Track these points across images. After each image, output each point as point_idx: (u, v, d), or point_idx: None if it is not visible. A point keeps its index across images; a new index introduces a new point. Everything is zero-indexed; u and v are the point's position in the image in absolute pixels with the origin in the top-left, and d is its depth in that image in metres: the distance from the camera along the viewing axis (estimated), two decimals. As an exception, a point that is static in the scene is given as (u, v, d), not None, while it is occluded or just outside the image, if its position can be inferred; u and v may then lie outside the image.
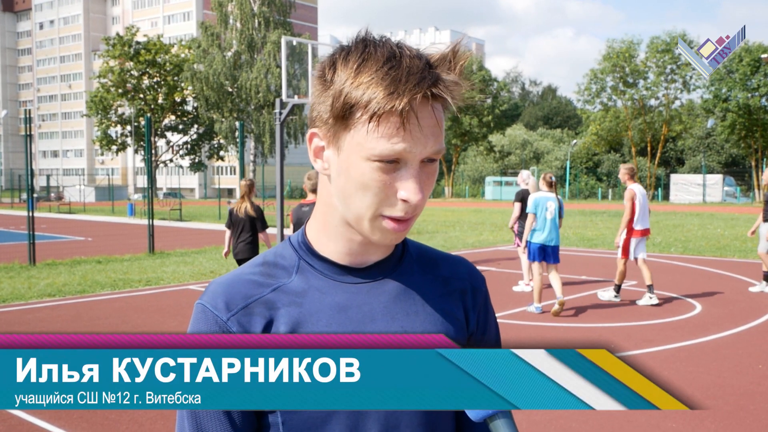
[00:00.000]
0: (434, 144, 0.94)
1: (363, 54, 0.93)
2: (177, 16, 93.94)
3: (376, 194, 0.94)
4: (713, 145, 59.98)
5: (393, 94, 0.89)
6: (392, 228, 0.97)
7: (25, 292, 9.99)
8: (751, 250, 15.52)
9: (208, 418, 0.97)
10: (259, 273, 1.03)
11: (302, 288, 1.02)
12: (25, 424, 4.68)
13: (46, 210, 38.20)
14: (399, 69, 0.91)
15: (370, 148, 0.92)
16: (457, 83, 0.93)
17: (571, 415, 4.80)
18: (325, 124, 0.97)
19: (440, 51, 0.95)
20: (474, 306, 1.13)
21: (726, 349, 6.70)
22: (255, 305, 1.00)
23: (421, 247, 1.15)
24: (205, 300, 1.02)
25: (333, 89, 0.94)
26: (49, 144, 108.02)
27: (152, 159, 38.59)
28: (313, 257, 1.05)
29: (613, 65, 52.03)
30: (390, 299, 1.04)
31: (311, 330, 0.99)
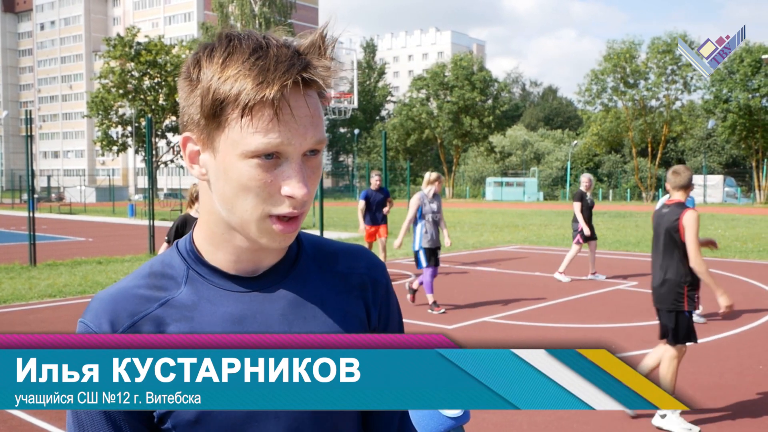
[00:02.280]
0: (314, 134, 0.90)
1: (228, 48, 0.89)
2: (178, 17, 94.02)
3: (258, 194, 0.89)
4: (714, 146, 59.97)
5: (262, 84, 0.85)
6: (281, 230, 0.92)
7: (26, 293, 9.99)
8: (751, 251, 15.51)
9: (91, 423, 0.92)
10: (146, 285, 0.97)
11: (192, 300, 0.96)
12: (26, 424, 4.68)
13: (46, 211, 38.22)
14: (266, 58, 0.87)
15: (246, 144, 0.87)
16: (328, 68, 0.90)
17: (572, 415, 4.80)
18: (197, 126, 0.91)
19: (309, 39, 0.91)
20: (375, 300, 1.08)
21: (727, 349, 6.69)
22: (142, 323, 0.93)
23: (318, 241, 1.10)
24: (87, 319, 0.94)
25: (200, 87, 0.89)
26: (50, 145, 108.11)
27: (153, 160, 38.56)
28: (202, 266, 0.99)
29: (614, 66, 52.03)
30: (286, 306, 0.99)
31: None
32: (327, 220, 25.03)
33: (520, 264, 13.47)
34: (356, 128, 73.83)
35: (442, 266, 14.08)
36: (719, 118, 50.49)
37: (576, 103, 56.64)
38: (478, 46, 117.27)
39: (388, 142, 35.87)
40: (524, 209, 39.64)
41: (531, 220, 28.00)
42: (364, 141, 74.25)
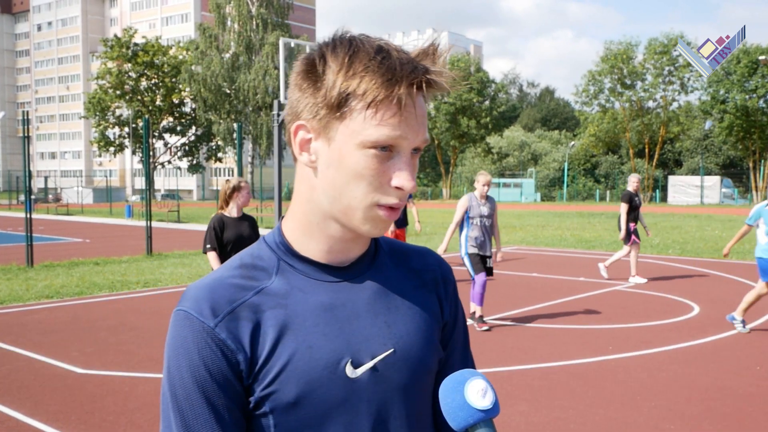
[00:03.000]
0: (424, 132, 0.97)
1: (351, 47, 0.95)
2: (175, 18, 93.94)
3: (370, 183, 0.95)
4: (711, 147, 60.05)
5: (391, 81, 0.92)
6: (385, 215, 0.97)
7: (23, 294, 9.97)
8: (748, 252, 15.55)
9: (200, 424, 0.95)
10: (239, 276, 1.01)
11: (285, 289, 1.01)
12: (23, 425, 4.67)
13: (43, 211, 38.15)
14: (391, 59, 0.93)
15: (367, 135, 0.93)
16: (445, 74, 0.96)
17: (569, 416, 4.80)
18: (314, 116, 0.97)
19: (419, 47, 0.97)
20: (446, 296, 1.15)
21: (724, 350, 6.70)
22: (240, 309, 0.97)
23: (389, 240, 1.16)
24: (187, 306, 0.98)
25: (325, 81, 0.95)
26: (47, 145, 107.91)
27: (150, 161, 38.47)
28: (293, 257, 1.04)
29: (611, 67, 52.09)
30: (371, 295, 1.05)
31: (298, 329, 0.98)
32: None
33: (518, 265, 13.48)
34: (354, 129, 73.61)
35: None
36: (716, 119, 50.58)
37: (573, 104, 56.72)
38: (475, 47, 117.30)
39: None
40: (521, 210, 39.66)
41: (528, 221, 28.02)
42: (362, 142, 74.15)
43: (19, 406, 5.05)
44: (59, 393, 5.35)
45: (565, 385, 5.53)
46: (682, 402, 5.10)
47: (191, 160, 68.19)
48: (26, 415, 4.86)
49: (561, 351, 6.60)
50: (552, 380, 5.68)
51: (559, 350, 6.64)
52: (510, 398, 5.16)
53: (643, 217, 11.36)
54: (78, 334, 7.41)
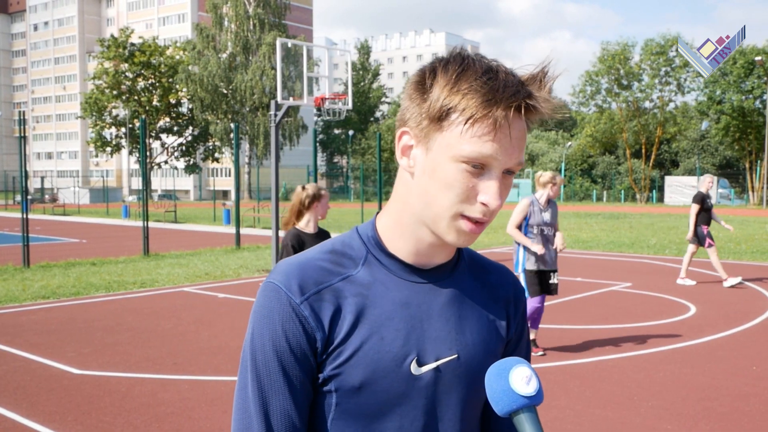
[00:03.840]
0: (518, 156, 1.01)
1: (462, 65, 1.00)
2: (172, 18, 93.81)
3: (458, 194, 0.99)
4: (707, 147, 60.18)
5: (491, 101, 0.96)
6: (469, 229, 1.01)
7: (19, 294, 9.95)
8: (744, 252, 15.58)
9: (274, 391, 1.03)
10: (329, 260, 1.08)
11: (368, 280, 1.07)
12: (20, 426, 4.66)
13: (40, 212, 38.08)
14: (496, 80, 0.98)
15: (460, 149, 0.98)
16: (547, 101, 1.00)
17: (567, 417, 4.81)
18: (418, 125, 1.02)
19: (530, 71, 1.01)
20: (515, 315, 1.19)
21: (721, 350, 6.72)
22: (325, 292, 1.04)
23: (472, 253, 1.21)
24: (278, 280, 1.05)
25: (432, 94, 1.00)
26: (44, 146, 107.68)
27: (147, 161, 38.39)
28: (381, 252, 1.09)
29: (608, 67, 52.16)
30: (446, 301, 1.10)
31: (373, 319, 1.04)
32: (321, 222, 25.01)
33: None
34: (351, 129, 73.82)
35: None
36: (713, 119, 50.67)
37: (570, 105, 56.75)
38: (472, 48, 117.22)
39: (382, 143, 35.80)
40: (519, 210, 39.62)
41: (525, 222, 27.99)
42: (359, 142, 74.25)
43: (15, 406, 5.04)
44: (56, 394, 5.34)
45: (562, 386, 5.53)
46: (679, 402, 5.11)
47: (188, 160, 68.13)
48: (22, 415, 4.85)
49: (558, 351, 6.61)
50: (549, 380, 5.68)
51: (556, 350, 6.65)
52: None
53: (718, 217, 10.95)
54: (74, 335, 7.39)
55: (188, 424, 4.68)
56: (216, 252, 16.15)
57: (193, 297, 10.04)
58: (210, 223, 28.58)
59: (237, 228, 17.32)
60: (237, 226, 17.34)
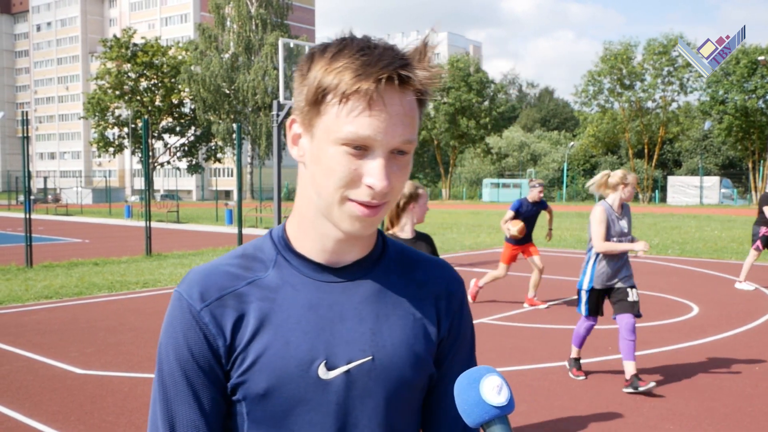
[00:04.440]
0: (403, 133, 0.94)
1: (339, 46, 0.96)
2: (174, 18, 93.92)
3: (341, 178, 0.94)
4: (710, 147, 60.08)
5: (361, 75, 0.91)
6: (360, 212, 0.96)
7: (22, 294, 9.96)
8: (747, 252, 15.55)
9: (179, 401, 1.00)
10: (237, 265, 1.04)
11: (276, 283, 1.03)
12: (23, 426, 4.67)
13: (43, 212, 38.14)
14: (371, 55, 0.92)
15: (337, 131, 0.93)
16: (425, 70, 0.94)
17: (570, 417, 4.81)
18: (301, 112, 0.98)
19: (413, 45, 0.97)
20: (448, 312, 1.12)
21: (723, 350, 6.70)
22: (228, 298, 1.01)
23: (403, 248, 1.15)
24: (182, 288, 1.03)
25: (309, 77, 0.96)
26: (47, 146, 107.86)
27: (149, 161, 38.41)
28: (290, 253, 1.05)
29: (611, 67, 52.11)
30: (362, 300, 1.04)
31: (279, 323, 1.00)
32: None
33: (517, 265, 13.45)
34: (353, 129, 73.67)
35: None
36: (715, 119, 50.59)
37: (573, 105, 56.70)
38: (474, 48, 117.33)
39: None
40: (521, 210, 39.60)
41: (528, 222, 27.98)
42: (361, 142, 74.15)
43: (18, 406, 5.05)
44: (58, 393, 5.35)
45: (564, 386, 5.53)
46: (682, 402, 5.11)
47: (190, 160, 68.19)
48: (25, 415, 4.86)
49: (561, 351, 6.60)
50: (552, 380, 5.68)
51: (558, 350, 6.64)
52: (509, 398, 5.15)
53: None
54: (77, 335, 7.40)
55: (191, 424, 4.67)
56: (218, 252, 16.16)
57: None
58: (212, 224, 28.60)
59: (239, 228, 17.33)
60: (239, 227, 17.35)
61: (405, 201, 3.99)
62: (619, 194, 5.62)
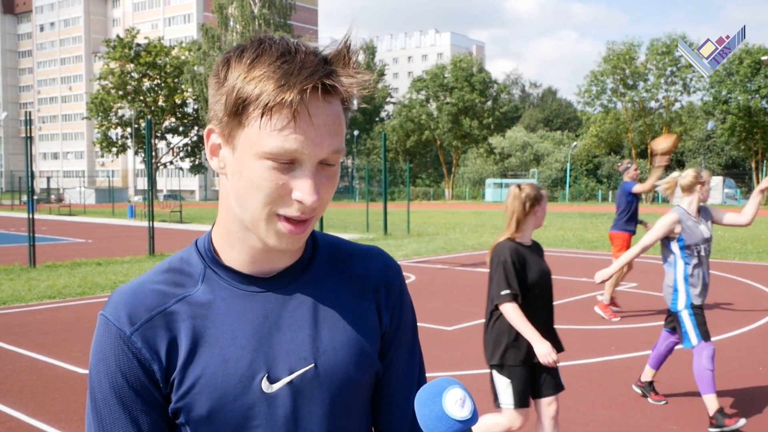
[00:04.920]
0: (330, 144, 0.90)
1: (257, 50, 0.90)
2: (177, 19, 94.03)
3: (267, 194, 0.90)
4: (713, 147, 59.99)
5: (283, 87, 0.86)
6: (288, 230, 0.92)
7: (25, 294, 9.98)
8: (751, 253, 15.52)
9: (111, 421, 0.95)
10: (164, 281, 0.99)
11: (207, 299, 0.98)
12: (25, 426, 4.68)
13: (46, 212, 38.21)
14: (292, 63, 0.87)
15: (262, 145, 0.88)
16: (351, 77, 0.90)
17: (572, 417, 4.80)
18: (220, 122, 0.93)
19: (336, 47, 0.91)
20: (387, 303, 1.08)
21: (727, 351, 6.69)
22: (159, 318, 0.96)
23: (335, 242, 1.11)
24: (107, 311, 0.97)
25: (226, 85, 0.90)
26: (50, 146, 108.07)
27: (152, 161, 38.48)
28: (218, 266, 1.01)
29: (614, 67, 52.06)
30: (297, 307, 1.01)
31: (214, 341, 0.96)
32: (327, 221, 25.03)
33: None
34: (356, 129, 73.85)
35: (441, 268, 13.98)
36: (719, 119, 50.52)
37: (575, 105, 56.67)
38: (477, 48, 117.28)
39: (387, 143, 35.84)
40: (524, 210, 39.58)
41: (530, 222, 27.97)
42: (364, 142, 74.30)
43: (21, 406, 5.05)
44: (62, 393, 5.36)
45: (567, 386, 5.52)
46: (685, 402, 5.10)
47: (193, 160, 68.26)
48: (28, 415, 4.87)
49: (563, 351, 6.59)
50: (554, 381, 5.67)
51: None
52: (512, 399, 5.15)
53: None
54: (80, 335, 7.41)
55: (193, 424, 4.68)
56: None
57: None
58: (215, 223, 28.60)
59: (242, 228, 17.32)
60: (242, 226, 17.34)
61: (530, 204, 3.55)
62: (697, 196, 4.91)
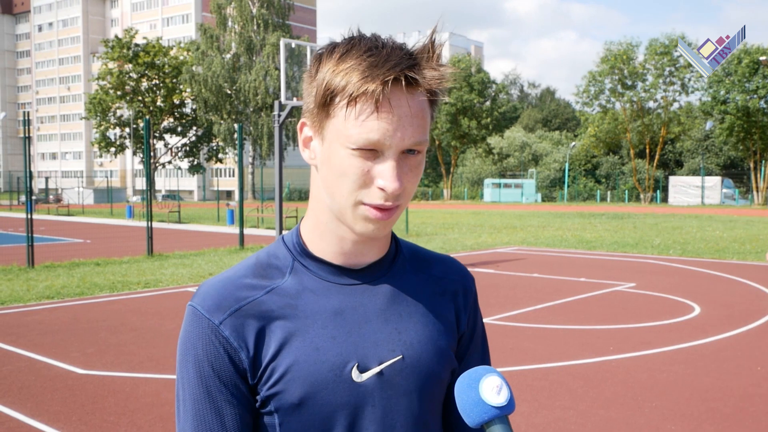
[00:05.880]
0: (413, 134, 0.93)
1: (347, 45, 0.94)
2: (176, 19, 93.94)
3: (354, 181, 0.93)
4: (712, 147, 59.99)
5: (367, 77, 0.90)
6: (374, 215, 0.95)
7: (24, 294, 9.98)
8: (749, 253, 15.53)
9: (198, 409, 0.98)
10: (252, 274, 1.02)
11: (296, 290, 1.01)
12: (24, 426, 4.68)
13: (44, 212, 38.17)
14: (378, 56, 0.91)
15: (347, 134, 0.92)
16: (434, 70, 0.93)
17: (570, 417, 4.80)
18: (311, 114, 0.97)
19: (422, 43, 0.95)
20: (465, 307, 1.13)
21: (725, 351, 6.70)
22: (248, 308, 0.98)
23: (414, 247, 1.15)
24: (196, 302, 1.00)
25: (317, 79, 0.95)
26: (48, 146, 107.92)
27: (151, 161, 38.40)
28: (307, 258, 1.03)
29: (612, 67, 52.06)
30: (384, 301, 1.04)
31: (305, 330, 0.98)
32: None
33: (518, 265, 13.46)
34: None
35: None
36: (717, 119, 50.53)
37: (574, 105, 56.65)
38: (476, 48, 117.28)
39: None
40: (522, 211, 39.66)
41: (529, 222, 28.02)
42: (363, 142, 74.13)
43: (19, 406, 5.05)
44: (60, 393, 5.35)
45: (565, 386, 5.53)
46: (683, 402, 5.10)
47: (192, 160, 68.20)
48: (27, 415, 4.87)
49: (561, 351, 6.60)
50: (552, 381, 5.67)
51: (559, 351, 6.64)
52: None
53: None
54: (79, 335, 7.41)
55: (192, 424, 4.68)
56: (220, 252, 16.17)
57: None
58: (214, 224, 28.60)
59: (241, 228, 17.34)
60: (241, 227, 17.35)
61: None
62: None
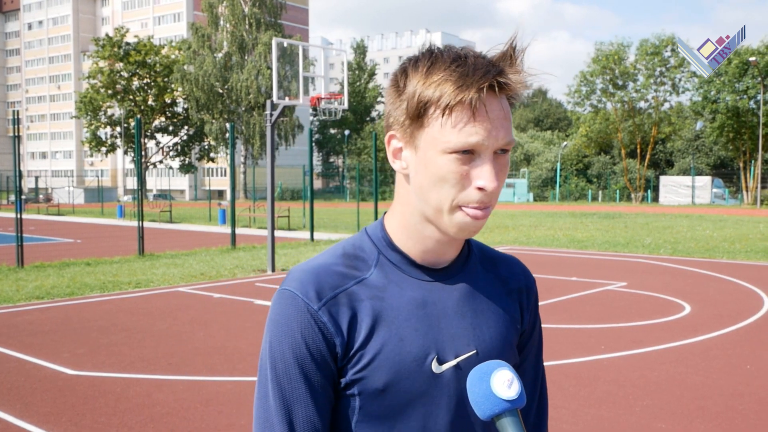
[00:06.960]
0: (505, 135, 1.00)
1: (431, 59, 1.01)
2: (167, 17, 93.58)
3: (453, 185, 1.00)
4: (702, 147, 60.29)
5: (462, 87, 0.97)
6: (473, 214, 1.01)
7: (13, 295, 9.92)
8: (739, 252, 15.62)
9: (296, 398, 1.03)
10: (342, 264, 1.08)
11: (382, 283, 1.08)
12: (14, 427, 4.65)
13: (34, 212, 37.96)
14: (466, 66, 0.98)
15: (445, 142, 0.98)
16: (519, 73, 1.01)
17: (562, 416, 4.82)
18: (401, 126, 1.04)
19: (501, 50, 1.02)
20: (528, 305, 1.21)
21: (715, 349, 6.74)
22: (342, 296, 1.05)
23: (482, 246, 1.22)
24: (293, 287, 1.05)
25: (407, 92, 1.02)
26: (38, 145, 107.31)
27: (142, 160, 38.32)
28: (393, 252, 1.10)
29: (603, 68, 52.22)
30: (460, 297, 1.11)
31: (391, 321, 1.05)
32: (317, 221, 24.99)
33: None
34: (347, 129, 73.78)
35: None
36: (707, 119, 50.77)
37: (565, 105, 56.80)
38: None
39: (378, 143, 35.87)
40: (514, 210, 39.74)
41: (521, 221, 28.08)
42: (355, 142, 74.25)
43: (9, 407, 5.02)
44: (50, 394, 5.33)
45: (557, 385, 5.54)
46: (674, 401, 5.13)
47: (183, 160, 67.99)
48: (16, 417, 4.84)
49: (553, 350, 6.62)
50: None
51: (551, 350, 6.65)
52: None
53: None
54: (69, 335, 7.37)
55: (183, 425, 4.67)
56: (211, 252, 16.13)
57: (189, 297, 10.02)
58: (205, 223, 28.53)
59: (232, 228, 17.30)
60: (232, 226, 17.32)
61: None
62: None
